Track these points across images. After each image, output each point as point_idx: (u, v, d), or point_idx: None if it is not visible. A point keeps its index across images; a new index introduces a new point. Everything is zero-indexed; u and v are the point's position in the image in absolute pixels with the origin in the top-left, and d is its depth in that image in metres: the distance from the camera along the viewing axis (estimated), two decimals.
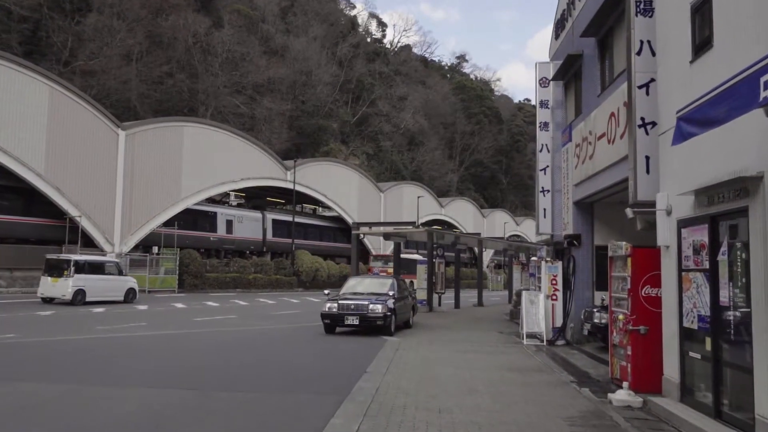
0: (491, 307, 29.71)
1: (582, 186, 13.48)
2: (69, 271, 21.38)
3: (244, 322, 18.25)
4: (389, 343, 13.57)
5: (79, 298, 21.58)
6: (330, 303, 15.23)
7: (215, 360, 10.73)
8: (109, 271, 23.41)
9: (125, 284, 23.87)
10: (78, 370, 9.36)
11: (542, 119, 16.52)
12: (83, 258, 23.00)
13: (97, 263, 23.14)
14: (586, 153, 12.88)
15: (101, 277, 22.78)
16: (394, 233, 21.61)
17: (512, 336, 16.22)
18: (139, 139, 31.30)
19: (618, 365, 8.69)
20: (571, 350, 13.13)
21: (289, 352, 12.12)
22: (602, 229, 14.26)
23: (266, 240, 41.29)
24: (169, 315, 19.94)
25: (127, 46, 56.87)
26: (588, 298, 14.14)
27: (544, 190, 16.38)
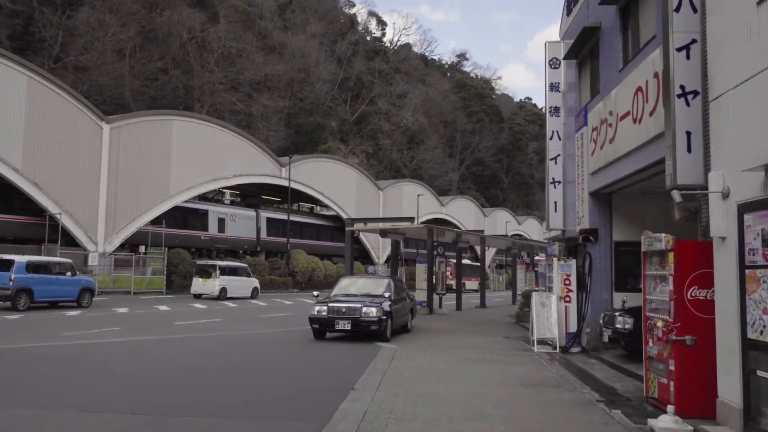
0: (495, 309, 28.23)
1: (600, 174, 12.01)
2: (216, 274, 27.07)
3: (228, 326, 16.79)
4: (384, 350, 12.10)
5: (223, 294, 27.16)
6: (319, 306, 13.76)
7: (179, 373, 9.25)
8: (241, 274, 28.70)
9: (251, 284, 29.24)
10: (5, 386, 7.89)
11: (552, 104, 15.04)
12: (225, 264, 28.87)
13: (234, 267, 29.05)
14: (605, 137, 11.41)
15: (236, 278, 28.15)
16: (391, 230, 20.14)
17: (520, 341, 14.75)
18: (125, 133, 29.83)
19: (655, 382, 7.21)
20: (588, 359, 11.65)
21: (269, 362, 10.64)
22: (621, 222, 12.79)
23: (260, 239, 39.81)
24: (148, 318, 18.48)
25: (119, 41, 55.58)
26: (606, 300, 12.66)
27: (554, 182, 14.90)
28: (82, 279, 21.96)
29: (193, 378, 8.86)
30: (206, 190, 35.37)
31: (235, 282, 27.96)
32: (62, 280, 20.82)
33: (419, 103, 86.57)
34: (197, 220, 35.18)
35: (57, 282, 20.63)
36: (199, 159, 33.47)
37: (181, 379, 8.72)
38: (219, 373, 9.38)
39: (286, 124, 68.46)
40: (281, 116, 67.39)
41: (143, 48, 59.24)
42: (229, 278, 27.47)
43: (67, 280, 21.00)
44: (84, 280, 21.99)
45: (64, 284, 20.84)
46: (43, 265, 20.51)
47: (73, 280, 21.23)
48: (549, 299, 13.11)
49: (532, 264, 33.77)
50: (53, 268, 20.75)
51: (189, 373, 9.21)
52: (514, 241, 31.01)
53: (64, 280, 20.88)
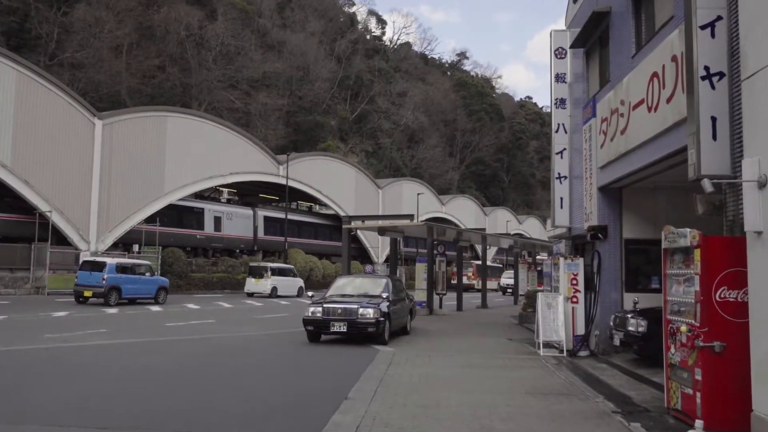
0: (496, 309, 27.57)
1: (610, 168, 11.35)
2: (267, 274, 29.52)
3: (220, 328, 16.13)
4: (381, 354, 11.44)
5: (274, 292, 29.46)
6: (313, 307, 13.09)
7: (158, 381, 8.58)
8: (288, 274, 31.05)
9: (297, 283, 31.55)
10: None
11: (558, 95, 14.36)
12: (275, 265, 31.30)
13: (283, 268, 31.28)
14: (615, 128, 10.74)
15: (285, 278, 30.37)
16: (389, 228, 19.46)
17: (524, 344, 14.09)
18: (118, 129, 29.15)
19: (678, 392, 6.55)
20: (598, 363, 10.98)
21: (257, 367, 9.97)
22: (632, 219, 12.12)
23: (257, 238, 39.12)
24: (138, 320, 17.81)
25: (116, 38, 54.98)
26: (616, 300, 12.00)
27: (560, 177, 14.22)
28: (159, 279, 24.31)
29: (170, 386, 8.20)
30: (202, 188, 34.69)
31: (284, 282, 30.41)
32: (143, 280, 23.20)
33: (419, 101, 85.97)
34: (193, 218, 34.51)
35: (139, 281, 23.01)
36: (195, 156, 32.80)
37: (158, 388, 8.05)
38: (200, 380, 8.72)
39: (285, 123, 67.83)
40: (280, 114, 66.76)
41: (140, 45, 58.62)
42: (279, 278, 29.94)
43: (147, 279, 23.40)
44: (160, 279, 24.31)
45: (145, 283, 23.24)
46: (129, 266, 22.86)
47: (151, 279, 23.64)
48: (555, 300, 12.44)
49: (534, 263, 33.10)
50: (137, 269, 23.09)
51: (167, 381, 8.54)
52: (515, 239, 30.33)
53: (145, 280, 23.29)
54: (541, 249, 37.29)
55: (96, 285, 21.46)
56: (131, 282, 22.51)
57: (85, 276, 21.80)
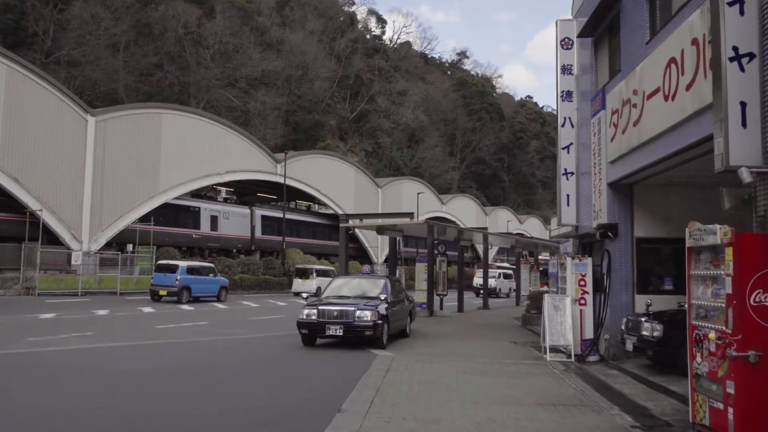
0: (498, 311, 26.93)
1: (621, 162, 10.72)
2: (313, 275, 31.46)
3: (213, 330, 15.50)
4: (379, 360, 10.81)
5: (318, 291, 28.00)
6: (308, 309, 12.45)
7: (128, 390, 7.93)
8: (331, 275, 30.42)
9: None
10: None
11: (564, 88, 13.72)
12: (319, 267, 33.40)
13: (326, 270, 32.65)
14: (627, 119, 10.11)
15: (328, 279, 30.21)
16: (388, 226, 18.82)
17: (529, 348, 13.46)
18: (112, 126, 28.51)
19: (706, 406, 5.91)
20: (608, 370, 10.35)
21: (244, 374, 9.34)
22: (644, 217, 11.49)
23: (255, 238, 38.49)
24: (128, 322, 17.17)
25: (113, 35, 54.45)
26: (626, 303, 11.37)
27: (567, 173, 13.59)
28: (220, 279, 26.50)
29: (140, 396, 7.53)
30: (198, 187, 34.05)
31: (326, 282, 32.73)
32: (208, 280, 25.56)
33: (419, 100, 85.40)
34: (188, 217, 33.87)
35: (205, 281, 25.42)
36: (190, 154, 32.18)
37: (126, 398, 7.40)
38: (176, 388, 8.09)
39: (283, 122, 67.27)
40: (279, 113, 66.20)
41: (137, 43, 58.08)
42: (323, 279, 30.60)
43: (211, 279, 25.74)
44: (221, 280, 26.56)
45: (210, 283, 25.61)
46: (197, 268, 25.38)
47: (214, 279, 25.95)
48: (563, 302, 11.81)
49: (536, 264, 32.47)
50: (203, 271, 25.50)
51: (138, 390, 7.87)
52: (518, 238, 29.69)
53: (210, 280, 25.62)
54: (543, 249, 36.66)
55: (170, 285, 23.92)
56: (199, 282, 25.04)
57: (160, 277, 24.28)
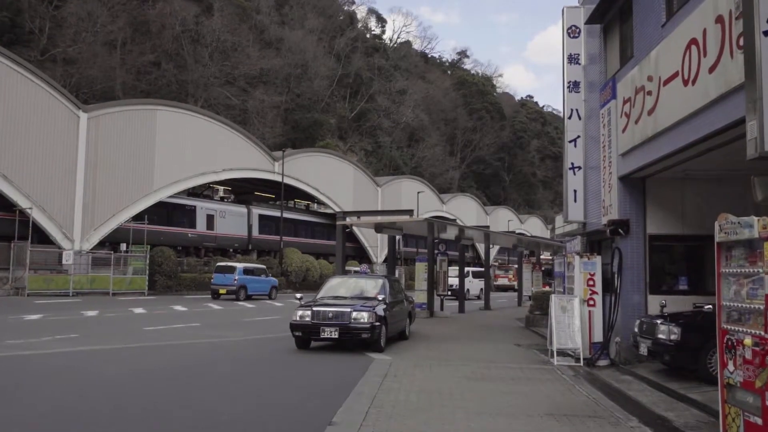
0: (500, 311, 26.30)
1: (633, 155, 10.08)
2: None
3: (203, 332, 14.86)
4: (376, 364, 10.17)
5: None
6: (302, 310, 11.81)
7: (102, 399, 7.29)
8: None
9: None
10: None
11: (571, 78, 13.08)
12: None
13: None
14: (641, 108, 9.47)
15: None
16: (387, 224, 18.17)
17: (534, 351, 12.82)
18: (105, 122, 27.87)
19: (740, 420, 5.27)
20: (621, 375, 9.71)
21: (230, 381, 8.68)
22: (657, 213, 10.86)
23: (252, 237, 37.83)
24: (117, 323, 16.53)
25: (109, 33, 53.89)
26: (638, 304, 10.73)
27: (574, 167, 12.94)
28: (271, 279, 29.17)
29: (114, 406, 6.90)
30: (193, 185, 33.41)
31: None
32: (262, 280, 28.11)
33: (419, 99, 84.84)
34: (184, 216, 33.23)
35: (259, 281, 27.92)
36: (186, 152, 31.54)
37: (108, 400, 6.77)
38: (155, 397, 7.44)
39: (282, 120, 66.69)
40: (278, 112, 65.64)
41: (135, 41, 57.56)
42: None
43: (264, 280, 28.29)
44: (272, 280, 29.20)
45: (263, 283, 28.18)
46: (252, 269, 27.92)
47: (267, 280, 28.55)
48: (571, 303, 11.17)
49: (538, 263, 31.84)
50: (256, 272, 28.07)
51: (111, 399, 7.22)
52: (520, 237, 29.03)
53: (263, 280, 28.19)
54: (545, 248, 36.04)
55: (229, 284, 26.35)
56: (254, 282, 27.53)
57: (220, 278, 26.64)
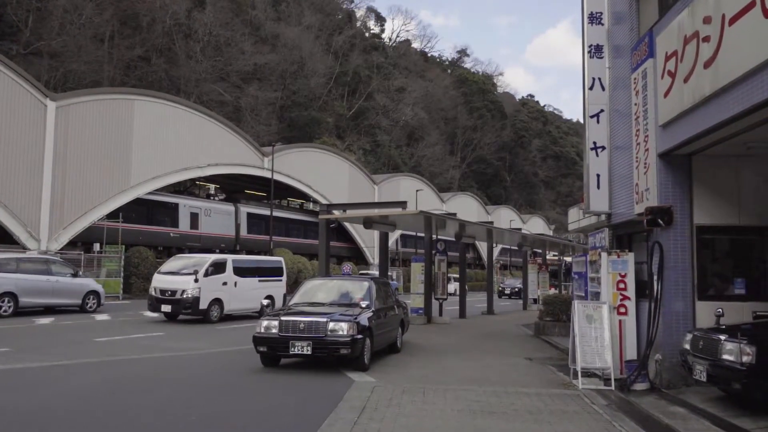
0: (504, 316, 24.20)
1: (680, 124, 7.95)
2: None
3: (164, 344, 12.73)
4: (355, 389, 8.05)
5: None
6: (267, 320, 9.68)
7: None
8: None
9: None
10: None
11: (592, 41, 10.94)
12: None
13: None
14: (694, 61, 7.34)
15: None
16: (378, 219, 16.03)
17: (549, 367, 10.72)
18: (75, 113, 25.74)
19: None
20: (669, 406, 7.54)
21: (158, 416, 6.54)
22: (707, 198, 8.72)
23: (240, 237, 35.69)
24: (67, 333, 14.36)
25: (95, 25, 51.96)
26: (683, 312, 8.58)
27: (596, 147, 10.79)
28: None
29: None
30: (174, 181, 31.25)
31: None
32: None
33: (419, 97, 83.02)
34: (165, 214, 31.09)
35: None
36: (167, 146, 29.43)
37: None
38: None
39: (278, 118, 64.80)
40: (273, 109, 63.76)
41: (123, 34, 55.71)
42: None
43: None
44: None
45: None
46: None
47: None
48: (598, 311, 9.02)
49: (544, 263, 29.70)
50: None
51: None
52: (525, 235, 26.90)
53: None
54: (551, 247, 33.92)
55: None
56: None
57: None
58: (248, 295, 18.16)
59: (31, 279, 17.77)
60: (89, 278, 20.82)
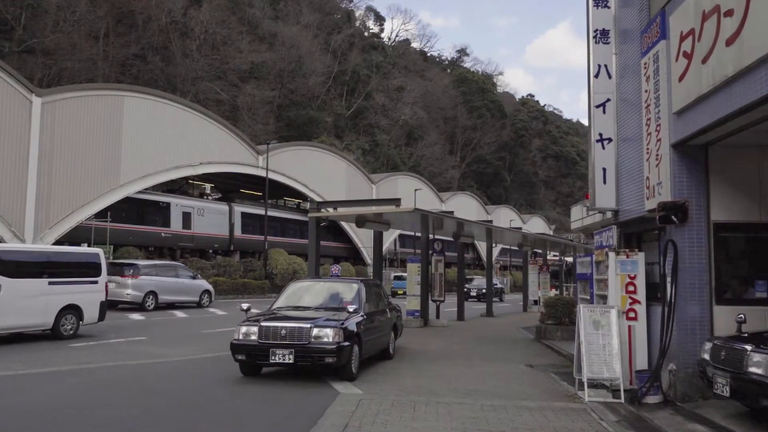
0: (504, 318, 23.47)
1: (697, 111, 7.20)
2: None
3: (142, 349, 11.99)
4: (339, 402, 7.30)
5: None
6: (246, 326, 8.93)
7: None
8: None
9: None
10: None
11: (598, 25, 10.19)
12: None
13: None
14: (714, 39, 6.60)
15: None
16: (371, 217, 15.26)
17: (551, 375, 9.97)
18: (62, 109, 24.96)
19: None
20: (687, 423, 6.77)
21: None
22: (726, 193, 7.98)
23: (234, 237, 34.91)
24: (42, 337, 13.62)
25: (90, 23, 51.30)
26: (699, 317, 7.82)
27: (602, 139, 10.04)
28: None
29: None
30: (166, 179, 30.47)
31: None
32: None
33: (418, 96, 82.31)
34: (157, 214, 30.31)
35: None
36: (158, 143, 28.65)
37: None
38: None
39: (275, 117, 64.10)
40: (270, 108, 63.04)
41: (118, 32, 55.03)
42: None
43: None
44: None
45: None
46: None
47: None
48: (606, 316, 8.26)
49: (545, 264, 28.94)
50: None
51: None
52: (525, 234, 26.12)
53: None
54: (552, 247, 33.17)
55: None
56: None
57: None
58: (23, 305, 12.11)
59: (166, 281, 21.95)
60: (203, 279, 24.47)
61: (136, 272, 20.97)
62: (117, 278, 20.20)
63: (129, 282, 20.65)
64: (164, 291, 21.65)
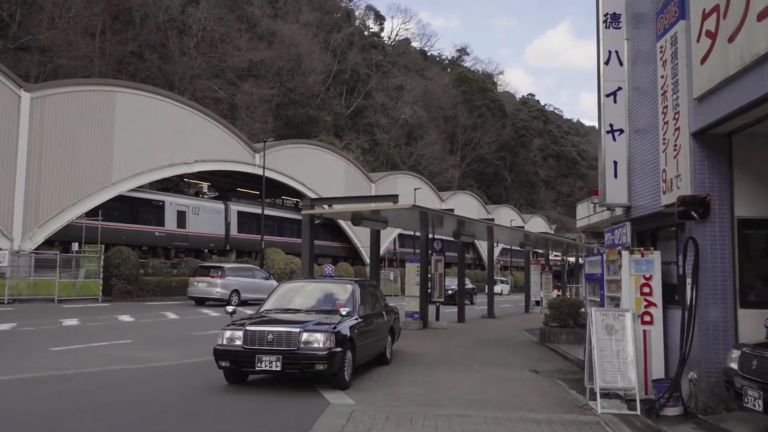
0: (505, 319, 22.83)
1: (722, 95, 6.56)
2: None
3: (127, 353, 11.36)
4: (329, 415, 6.66)
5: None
6: (231, 331, 8.27)
7: None
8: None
9: None
10: None
11: (609, 9, 9.56)
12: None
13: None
14: (742, 14, 5.96)
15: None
16: (367, 214, 14.59)
17: (559, 382, 9.34)
18: (52, 104, 24.34)
19: None
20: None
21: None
22: (751, 187, 7.33)
23: (230, 236, 34.28)
24: (22, 340, 12.98)
25: (85, 19, 50.68)
26: (722, 321, 7.17)
27: (614, 130, 9.41)
28: None
29: None
30: (160, 177, 29.85)
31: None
32: None
33: (418, 95, 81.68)
34: (151, 212, 29.67)
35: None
36: (151, 141, 28.01)
37: None
38: None
39: (274, 116, 63.48)
40: (269, 106, 62.42)
41: (115, 29, 54.46)
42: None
43: None
44: None
45: None
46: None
47: None
48: (620, 321, 7.61)
49: (548, 264, 28.31)
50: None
51: None
52: (527, 234, 25.47)
53: None
54: (555, 246, 32.53)
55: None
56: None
57: None
58: None
59: (246, 281, 24.54)
60: (274, 280, 25.68)
61: (222, 273, 23.68)
62: (207, 279, 23.51)
63: (218, 282, 23.31)
64: (245, 290, 23.99)
